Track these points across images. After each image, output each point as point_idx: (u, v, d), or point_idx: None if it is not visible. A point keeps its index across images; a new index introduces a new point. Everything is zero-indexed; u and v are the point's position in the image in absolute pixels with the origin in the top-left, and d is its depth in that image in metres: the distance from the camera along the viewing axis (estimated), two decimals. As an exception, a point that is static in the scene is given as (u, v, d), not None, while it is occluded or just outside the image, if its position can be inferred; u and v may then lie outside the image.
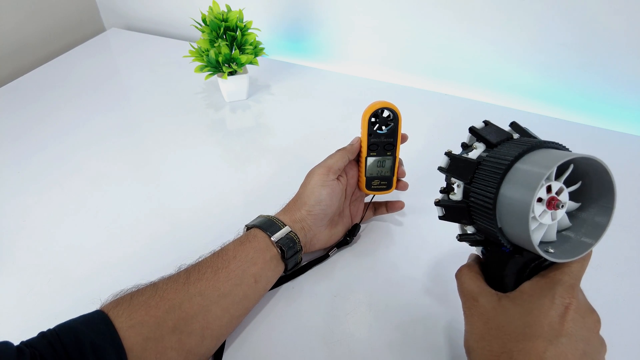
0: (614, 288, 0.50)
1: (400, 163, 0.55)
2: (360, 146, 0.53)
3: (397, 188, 0.55)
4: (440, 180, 0.40)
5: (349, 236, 0.55)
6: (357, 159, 0.54)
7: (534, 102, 0.81)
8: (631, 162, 0.68)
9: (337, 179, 0.51)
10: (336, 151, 0.53)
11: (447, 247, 0.55)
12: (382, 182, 0.54)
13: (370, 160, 0.53)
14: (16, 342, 0.35)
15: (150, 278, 0.43)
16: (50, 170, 0.70)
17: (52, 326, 0.37)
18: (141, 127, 0.80)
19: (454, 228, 0.41)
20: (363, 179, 0.54)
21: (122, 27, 1.16)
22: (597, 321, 0.33)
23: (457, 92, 0.85)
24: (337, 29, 0.90)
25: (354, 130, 0.55)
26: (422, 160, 0.65)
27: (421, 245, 0.56)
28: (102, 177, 0.68)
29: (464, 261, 0.41)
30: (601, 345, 0.33)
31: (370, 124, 0.51)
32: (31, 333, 0.37)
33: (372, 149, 0.52)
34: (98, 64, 0.99)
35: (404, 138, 0.53)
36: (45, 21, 1.02)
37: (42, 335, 0.36)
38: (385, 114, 0.50)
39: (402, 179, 0.55)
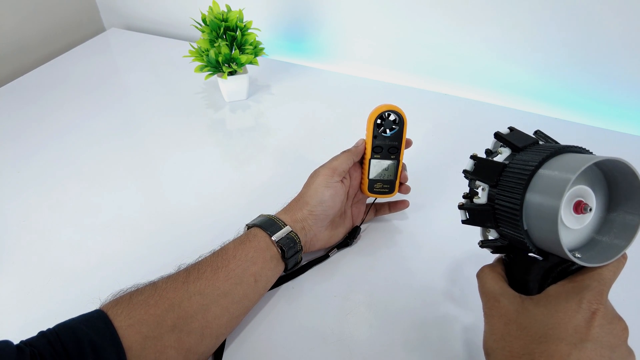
0: (616, 290, 0.50)
1: (404, 167, 0.54)
2: (365, 148, 0.53)
3: (399, 192, 0.55)
4: (439, 180, 0.40)
5: (350, 238, 0.55)
6: (361, 161, 0.54)
7: (532, 101, 0.81)
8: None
9: (341, 181, 0.51)
10: (341, 153, 0.53)
11: (448, 247, 0.54)
12: (384, 186, 0.54)
13: (374, 162, 0.53)
14: (16, 341, 0.35)
15: (150, 277, 0.43)
16: (50, 170, 0.70)
17: (51, 325, 0.37)
18: (141, 127, 0.80)
19: (455, 228, 0.41)
20: (366, 181, 0.54)
21: (122, 27, 1.16)
22: (624, 329, 0.32)
23: (456, 91, 0.85)
24: (337, 29, 0.90)
25: (353, 130, 0.55)
26: (420, 160, 0.65)
27: (422, 245, 0.56)
28: (102, 177, 0.68)
29: (466, 261, 0.41)
30: (629, 354, 0.32)
31: (376, 126, 0.51)
32: (31, 332, 0.37)
33: (376, 151, 0.52)
34: (98, 64, 0.99)
35: (409, 143, 0.53)
36: (45, 21, 1.02)
37: (41, 334, 0.36)
38: (392, 117, 0.50)
39: (405, 183, 0.55)
